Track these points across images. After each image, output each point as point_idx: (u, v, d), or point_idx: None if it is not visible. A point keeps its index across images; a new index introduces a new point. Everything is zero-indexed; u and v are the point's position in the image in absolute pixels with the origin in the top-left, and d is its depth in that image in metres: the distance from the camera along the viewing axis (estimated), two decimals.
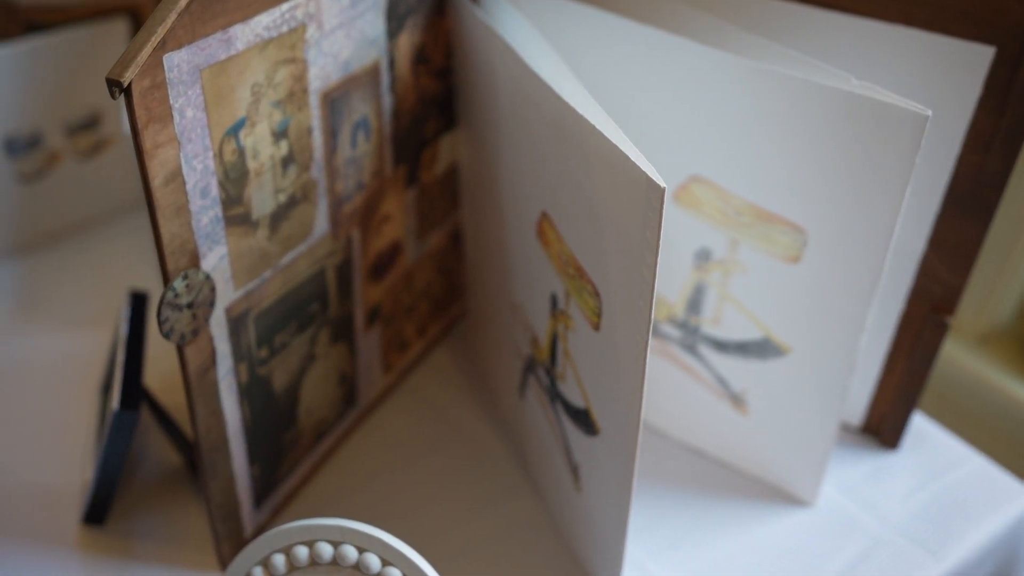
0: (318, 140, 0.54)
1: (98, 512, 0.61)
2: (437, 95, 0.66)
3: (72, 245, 0.86)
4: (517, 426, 0.69)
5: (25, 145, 0.79)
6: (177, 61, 0.42)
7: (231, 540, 0.59)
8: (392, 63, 0.59)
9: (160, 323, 0.46)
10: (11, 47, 0.74)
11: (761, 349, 0.62)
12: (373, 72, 0.58)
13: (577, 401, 0.56)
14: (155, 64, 0.41)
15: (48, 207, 0.84)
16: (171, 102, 0.43)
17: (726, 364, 0.65)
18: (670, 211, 0.61)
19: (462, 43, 0.62)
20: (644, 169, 0.42)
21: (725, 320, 0.63)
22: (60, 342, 0.76)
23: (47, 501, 0.64)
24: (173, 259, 0.46)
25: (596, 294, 0.49)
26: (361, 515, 0.62)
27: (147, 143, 0.42)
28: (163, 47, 0.41)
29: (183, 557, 0.60)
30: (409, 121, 0.64)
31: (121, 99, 0.40)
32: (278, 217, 0.53)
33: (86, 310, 0.79)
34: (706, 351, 0.66)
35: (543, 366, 0.60)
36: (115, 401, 0.56)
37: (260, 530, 0.62)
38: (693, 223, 0.61)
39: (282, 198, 0.53)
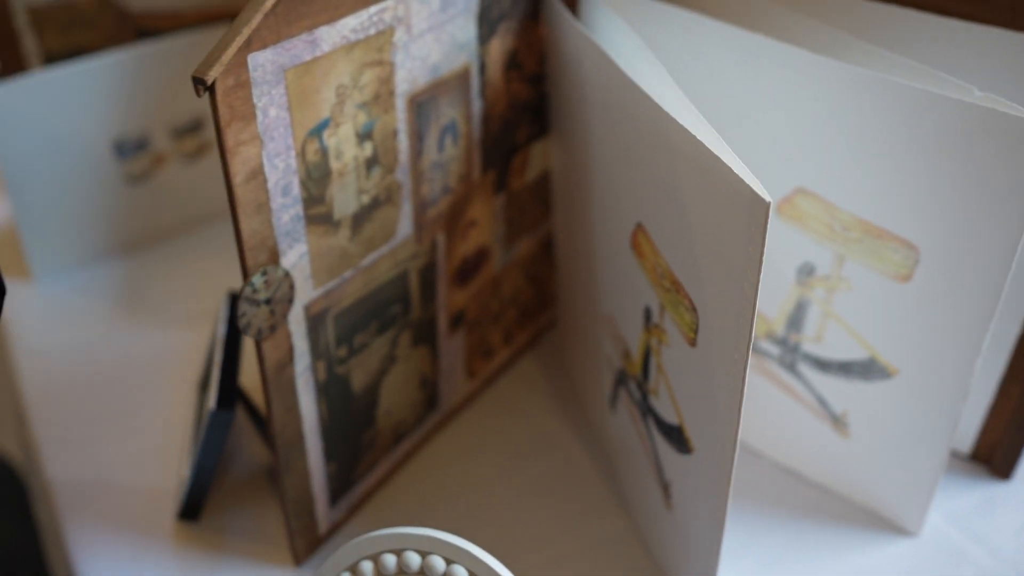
0: (404, 143, 0.55)
1: (193, 509, 0.62)
2: (529, 101, 0.65)
3: (174, 245, 0.89)
4: (606, 439, 0.68)
5: (133, 147, 0.83)
6: (261, 61, 0.43)
7: (305, 536, 0.60)
8: (483, 68, 0.59)
9: (238, 317, 0.47)
10: (124, 52, 0.78)
11: (866, 370, 0.59)
12: (463, 76, 0.58)
13: (670, 417, 0.54)
14: (239, 63, 0.42)
15: (153, 208, 0.87)
16: (254, 101, 0.44)
17: (827, 384, 0.62)
18: (773, 224, 0.59)
19: (556, 49, 0.62)
20: (748, 182, 0.40)
21: (828, 338, 0.61)
22: (160, 339, 0.79)
23: (144, 496, 0.65)
24: (252, 255, 0.47)
25: (693, 309, 0.48)
26: (442, 522, 0.62)
27: (230, 141, 0.43)
28: (248, 47, 0.42)
29: (265, 553, 0.61)
30: (499, 127, 0.63)
31: None
32: (360, 218, 0.54)
33: (186, 309, 0.82)
34: (806, 370, 0.63)
35: (635, 379, 0.59)
36: (212, 400, 0.57)
37: (335, 528, 0.63)
38: (797, 237, 0.59)
39: (365, 199, 0.53)
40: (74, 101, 0.76)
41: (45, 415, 0.72)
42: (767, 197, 0.39)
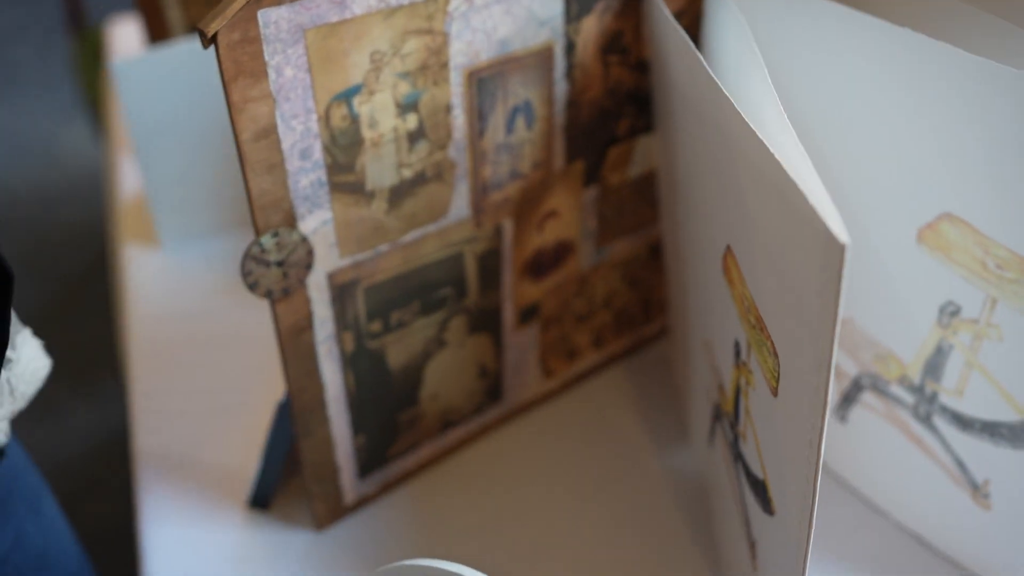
0: (459, 119, 0.52)
1: (261, 497, 0.62)
2: (635, 91, 0.60)
3: None
4: (704, 474, 0.62)
5: None
6: (274, 18, 0.42)
7: (326, 502, 0.60)
8: (570, 48, 0.55)
9: (243, 275, 0.47)
10: None
11: (1015, 435, 0.50)
12: (543, 55, 0.54)
13: (756, 470, 0.48)
14: (247, 18, 0.41)
15: None
16: (265, 58, 0.43)
17: (968, 445, 0.53)
18: (912, 253, 0.51)
19: (652, 40, 0.56)
20: (824, 217, 0.33)
21: (971, 392, 0.52)
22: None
23: (225, 476, 0.65)
24: (263, 215, 0.46)
25: (775, 354, 0.42)
26: (483, 521, 0.60)
27: (235, 96, 0.43)
28: (259, 2, 0.41)
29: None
30: (592, 114, 0.59)
31: None
32: (400, 192, 0.52)
33: None
34: (943, 425, 0.54)
35: (728, 418, 0.53)
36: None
37: (364, 501, 0.62)
38: (940, 270, 0.50)
39: (407, 173, 0.51)
40: (207, 74, 0.77)
41: (146, 385, 0.73)
42: (844, 237, 0.33)
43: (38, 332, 0.52)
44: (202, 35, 0.40)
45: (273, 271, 0.48)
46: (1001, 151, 0.44)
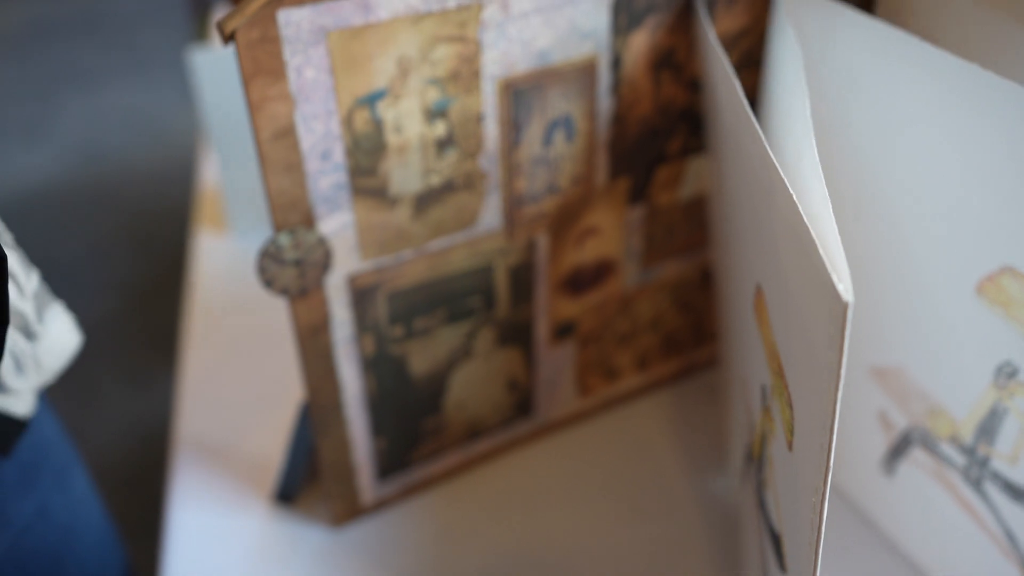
0: (492, 130, 0.51)
1: (285, 492, 0.62)
2: (689, 109, 0.58)
3: None
4: (737, 511, 0.60)
5: None
6: (296, 19, 0.42)
7: (343, 501, 0.60)
8: (617, 62, 0.53)
9: (258, 271, 0.47)
10: None
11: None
12: (586, 69, 0.52)
13: (775, 522, 0.45)
14: (267, 17, 0.41)
15: None
16: (285, 58, 0.43)
17: (1020, 516, 0.49)
18: (970, 306, 0.47)
19: (701, 60, 0.54)
20: (830, 271, 0.32)
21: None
22: None
23: (259, 468, 0.66)
24: (281, 214, 0.47)
25: (791, 406, 0.40)
26: (501, 534, 0.59)
27: (254, 95, 0.43)
28: (279, 2, 0.41)
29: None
30: (640, 131, 0.57)
31: None
32: (426, 199, 0.51)
33: None
34: (995, 493, 0.50)
35: (756, 462, 0.51)
36: None
37: (383, 503, 0.62)
38: (999, 326, 0.46)
39: (434, 180, 0.51)
40: None
41: (198, 371, 0.75)
42: (847, 295, 0.31)
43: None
44: (221, 32, 0.41)
45: (289, 270, 0.48)
46: None
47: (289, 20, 0.42)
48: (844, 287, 0.31)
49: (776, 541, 0.45)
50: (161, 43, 2.96)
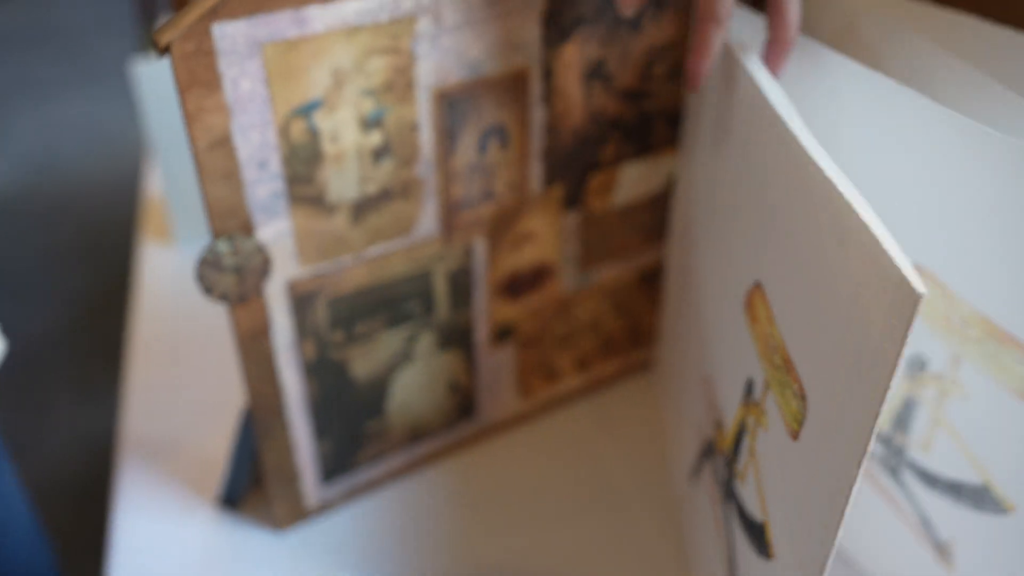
0: (427, 138, 0.53)
1: (230, 496, 0.63)
2: (621, 118, 0.60)
3: None
4: (682, 514, 0.61)
5: None
6: (231, 31, 0.43)
7: (288, 504, 0.61)
8: (548, 73, 0.55)
9: (197, 278, 0.48)
10: None
11: (978, 498, 0.49)
12: (518, 79, 0.54)
13: (755, 512, 0.47)
14: (202, 31, 0.42)
15: None
16: (221, 70, 0.44)
17: (933, 503, 0.52)
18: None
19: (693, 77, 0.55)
20: (900, 266, 0.33)
21: (936, 449, 0.50)
22: None
23: (202, 473, 0.66)
24: (219, 221, 0.48)
25: (802, 397, 0.41)
26: (455, 540, 0.61)
27: (190, 106, 0.44)
28: (213, 15, 0.42)
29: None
30: (572, 139, 0.59)
31: None
32: (364, 207, 0.52)
33: None
34: (911, 481, 0.53)
35: (723, 456, 0.52)
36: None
37: (328, 506, 0.63)
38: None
39: (371, 188, 0.52)
40: None
41: (143, 378, 0.75)
42: (921, 288, 0.31)
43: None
44: (155, 44, 0.42)
45: (228, 276, 0.49)
46: (974, 213, 0.43)
47: (224, 33, 0.43)
48: (915, 278, 0.32)
49: (757, 530, 0.46)
50: (112, 54, 2.93)
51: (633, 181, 0.63)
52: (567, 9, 0.53)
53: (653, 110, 0.61)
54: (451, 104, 0.52)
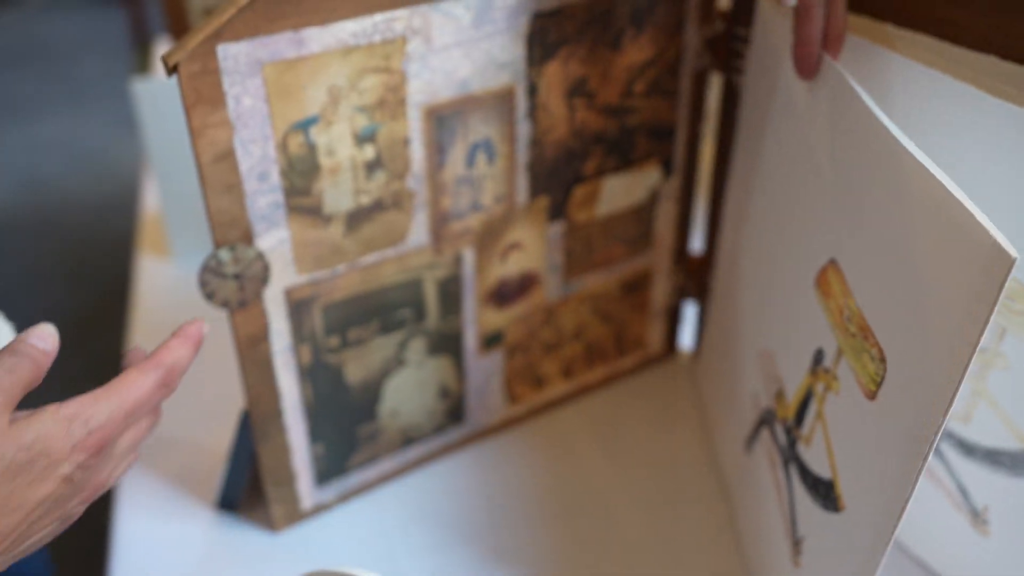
0: (418, 152, 0.55)
1: (228, 499, 0.65)
2: (603, 133, 0.63)
3: None
4: (735, 481, 0.65)
5: None
6: (234, 52, 0.46)
7: (283, 505, 0.63)
8: (533, 90, 0.58)
9: (200, 285, 0.51)
10: None
11: (1015, 463, 0.52)
12: (504, 96, 0.57)
13: (821, 471, 0.51)
14: (207, 52, 0.45)
15: None
16: (224, 88, 0.46)
17: (970, 471, 0.55)
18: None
19: (758, 63, 0.59)
20: (992, 232, 0.36)
21: (976, 419, 0.53)
22: None
23: (201, 478, 0.68)
24: (221, 231, 0.50)
25: (881, 360, 0.44)
26: (444, 542, 0.63)
27: (195, 122, 0.47)
28: (218, 37, 0.45)
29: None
30: (556, 153, 0.61)
31: None
32: (358, 217, 0.55)
33: None
34: (949, 451, 0.56)
35: (783, 423, 0.56)
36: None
37: (322, 508, 0.65)
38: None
39: (364, 200, 0.55)
40: None
41: None
42: (1013, 252, 0.35)
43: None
44: (165, 65, 0.44)
45: (230, 283, 0.52)
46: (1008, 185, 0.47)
47: (227, 53, 0.46)
48: (1007, 244, 0.35)
49: (824, 486, 0.50)
50: (99, 73, 2.95)
51: (616, 193, 0.66)
52: (551, 30, 0.56)
53: (634, 125, 0.64)
54: (440, 120, 0.55)
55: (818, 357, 0.51)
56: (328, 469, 0.64)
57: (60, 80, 2.97)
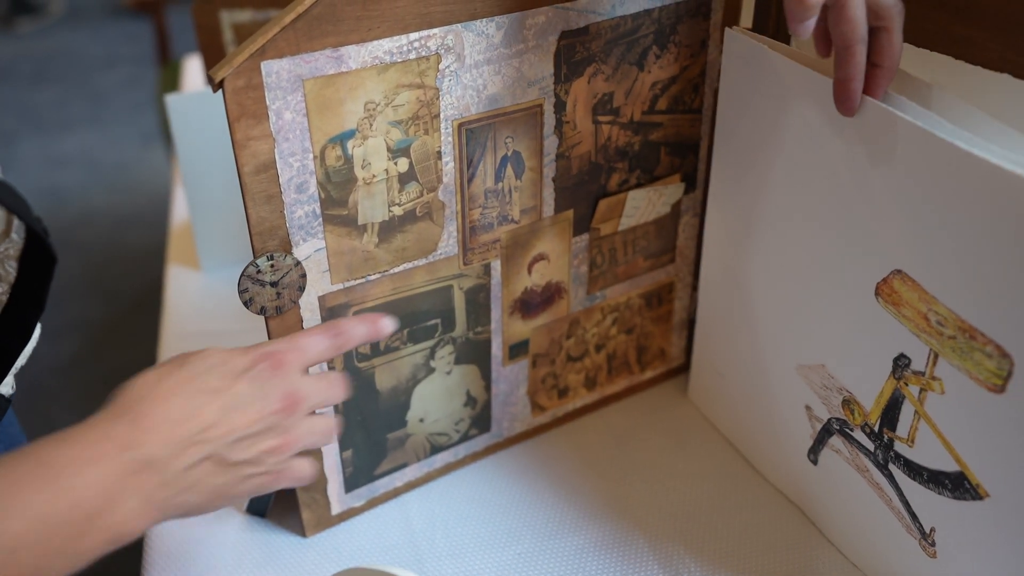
0: (449, 165, 0.57)
1: (258, 505, 0.66)
2: (627, 149, 0.64)
3: None
4: (803, 490, 0.66)
5: None
6: (276, 68, 0.48)
7: (313, 510, 0.64)
8: (560, 107, 0.60)
9: (239, 291, 0.52)
10: None
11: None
12: (533, 112, 0.59)
13: (941, 464, 0.53)
14: (252, 68, 0.47)
15: None
16: (267, 103, 0.48)
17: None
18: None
19: (741, 93, 0.61)
20: None
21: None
22: None
23: None
24: (260, 240, 0.52)
25: (1003, 355, 0.47)
26: (470, 548, 0.65)
27: (238, 135, 0.48)
28: (262, 55, 0.47)
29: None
30: (582, 168, 0.63)
31: None
32: (390, 228, 0.57)
33: None
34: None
35: (865, 428, 0.58)
36: None
37: (350, 513, 0.66)
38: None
39: (397, 211, 0.57)
40: None
41: None
42: None
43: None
44: (211, 81, 0.46)
45: (267, 290, 0.54)
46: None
47: (271, 70, 0.48)
48: None
49: (954, 478, 0.52)
50: (119, 89, 3.00)
51: (639, 207, 0.68)
52: (578, 48, 0.58)
53: (658, 140, 0.66)
54: (471, 134, 0.57)
55: (902, 362, 0.53)
56: (357, 475, 0.65)
57: (80, 96, 3.01)
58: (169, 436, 0.43)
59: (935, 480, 0.54)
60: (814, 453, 0.64)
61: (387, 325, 0.52)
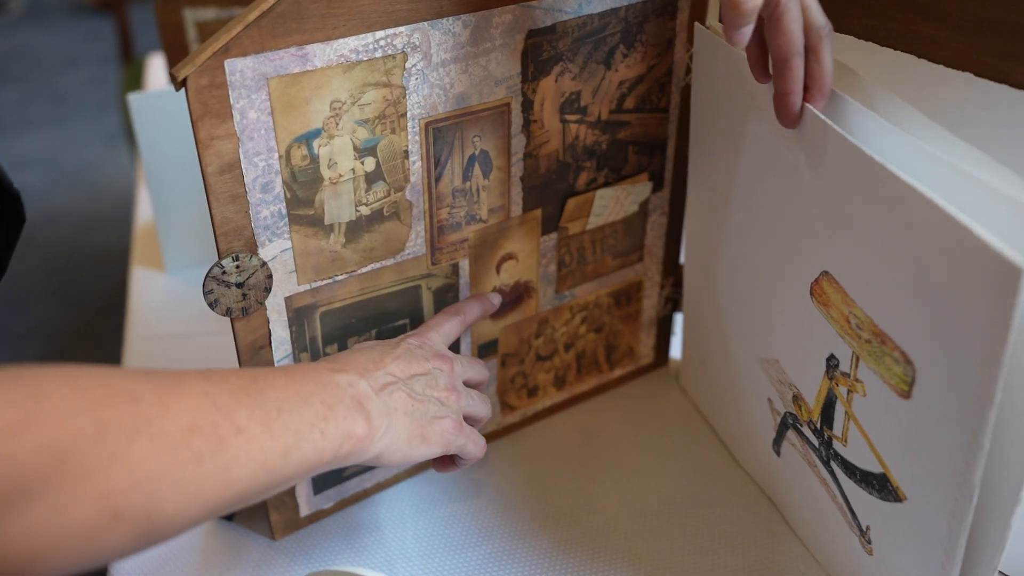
0: (416, 164, 0.57)
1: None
2: (595, 148, 0.65)
3: None
4: (771, 481, 0.67)
5: None
6: (240, 67, 0.47)
7: (282, 512, 0.64)
8: (528, 105, 0.60)
9: (204, 293, 0.52)
10: None
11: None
12: (500, 111, 0.59)
13: (868, 465, 0.54)
14: (215, 67, 0.47)
15: None
16: (231, 102, 0.48)
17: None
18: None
19: (718, 94, 0.61)
20: (998, 249, 0.39)
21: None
22: None
23: None
24: (225, 240, 0.51)
25: (907, 362, 0.48)
26: (439, 547, 0.64)
27: (202, 134, 0.48)
28: (225, 53, 0.46)
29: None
30: (550, 167, 0.63)
31: None
32: (357, 228, 0.56)
33: None
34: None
35: (810, 425, 0.59)
36: None
37: (319, 516, 0.66)
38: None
39: (364, 211, 0.56)
40: None
41: None
42: (1021, 263, 0.38)
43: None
44: (174, 79, 0.46)
45: (233, 292, 0.53)
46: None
47: (234, 68, 0.47)
48: (1016, 257, 0.39)
49: (877, 479, 0.53)
50: (82, 88, 2.95)
51: (607, 206, 0.68)
52: (545, 47, 0.58)
53: (625, 139, 0.66)
54: (438, 133, 0.57)
55: (833, 362, 0.54)
56: (326, 476, 0.65)
57: (42, 96, 2.96)
58: (364, 368, 0.51)
59: (865, 480, 0.54)
60: (776, 445, 0.64)
61: (495, 299, 0.64)
